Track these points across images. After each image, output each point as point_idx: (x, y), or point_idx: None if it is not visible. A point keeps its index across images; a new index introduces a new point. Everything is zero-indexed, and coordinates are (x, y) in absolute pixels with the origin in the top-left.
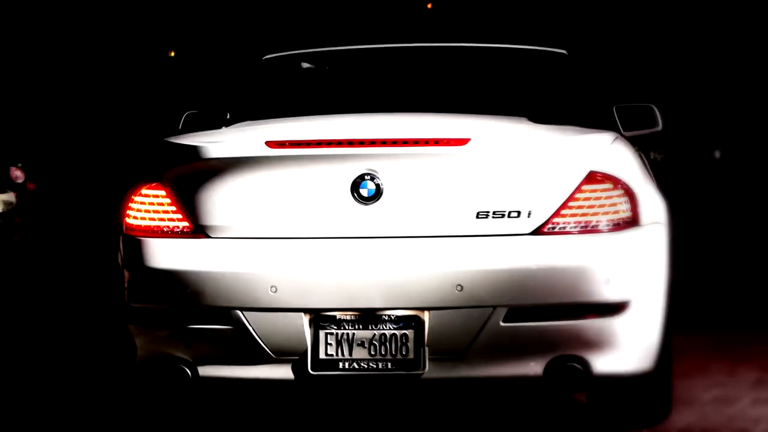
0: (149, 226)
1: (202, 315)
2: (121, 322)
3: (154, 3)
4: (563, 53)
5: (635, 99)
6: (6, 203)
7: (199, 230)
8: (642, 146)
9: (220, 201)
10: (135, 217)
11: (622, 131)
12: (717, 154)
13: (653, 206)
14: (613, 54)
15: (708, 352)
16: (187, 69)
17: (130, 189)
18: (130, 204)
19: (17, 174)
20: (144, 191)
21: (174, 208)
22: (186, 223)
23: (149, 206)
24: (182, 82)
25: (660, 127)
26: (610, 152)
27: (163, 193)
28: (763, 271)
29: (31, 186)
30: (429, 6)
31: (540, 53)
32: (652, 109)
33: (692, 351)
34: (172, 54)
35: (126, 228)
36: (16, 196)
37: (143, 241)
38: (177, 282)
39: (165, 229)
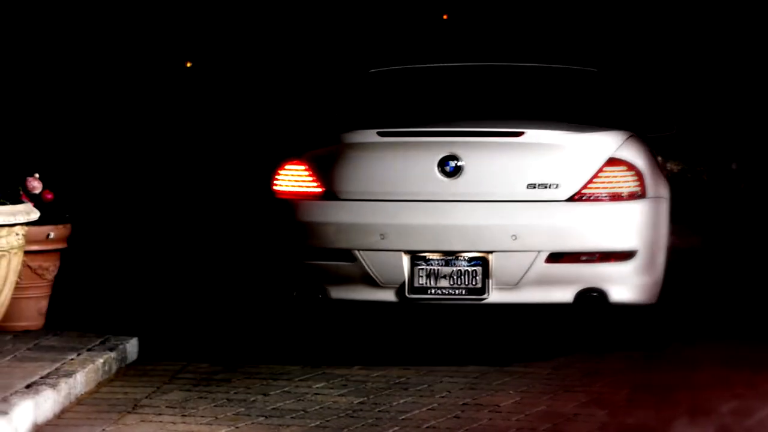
0: (293, 192)
1: (332, 254)
2: (276, 262)
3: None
4: (593, 70)
5: (656, 107)
6: (23, 213)
7: (330, 194)
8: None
9: (346, 173)
10: (282, 185)
11: (640, 132)
12: (734, 166)
13: (657, 185)
14: (637, 67)
15: (726, 364)
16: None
17: (276, 165)
18: (277, 176)
19: (34, 184)
20: (288, 166)
21: (312, 179)
22: (321, 189)
23: (293, 177)
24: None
25: (674, 130)
26: (625, 145)
27: (303, 167)
28: None
29: (49, 196)
30: (445, 17)
31: (575, 70)
32: (669, 115)
33: (710, 362)
34: (189, 65)
35: (276, 194)
36: (34, 206)
37: (290, 202)
38: (315, 231)
39: (306, 194)
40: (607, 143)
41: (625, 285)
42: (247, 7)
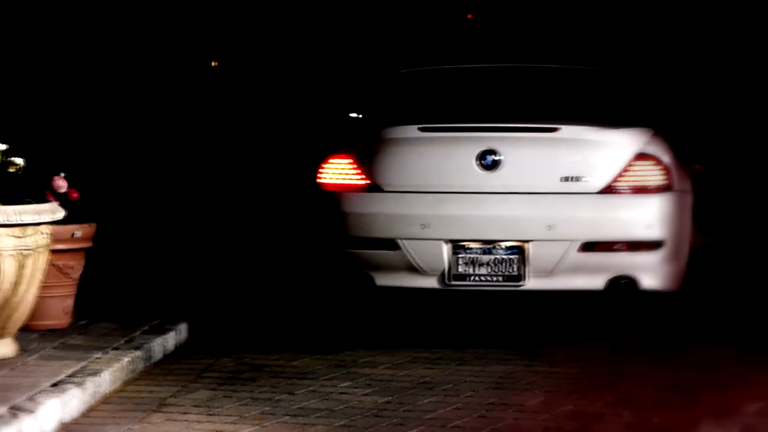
0: (338, 184)
1: (377, 243)
2: (323, 251)
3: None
4: (617, 71)
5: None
6: (49, 212)
7: (374, 186)
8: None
9: (389, 166)
10: (327, 178)
11: (662, 130)
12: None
13: (681, 179)
14: (656, 67)
15: (750, 364)
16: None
17: (321, 159)
18: (322, 169)
19: (60, 183)
20: (333, 160)
21: (356, 171)
22: (365, 182)
23: (337, 170)
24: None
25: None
26: (652, 141)
27: (348, 161)
28: None
29: (75, 195)
30: (470, 16)
31: (601, 71)
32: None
33: (733, 362)
34: (214, 64)
35: (321, 186)
36: (59, 205)
37: (335, 194)
38: (360, 221)
39: (350, 186)
40: (635, 139)
41: (653, 273)
42: (276, 8)
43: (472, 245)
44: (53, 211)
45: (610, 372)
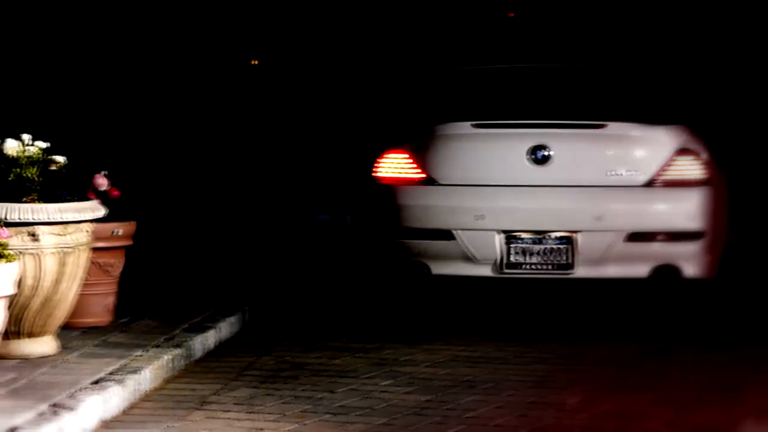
0: (394, 178)
1: (433, 233)
2: (381, 242)
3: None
4: (657, 70)
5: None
6: (90, 210)
7: (429, 180)
8: None
9: (444, 161)
10: (383, 172)
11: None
12: None
13: (718, 173)
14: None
15: None
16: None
17: (377, 154)
18: (378, 164)
19: (101, 182)
20: (389, 155)
21: (413, 166)
22: (422, 175)
23: (394, 165)
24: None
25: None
26: (691, 137)
27: (404, 156)
28: None
29: (116, 193)
30: (511, 15)
31: (641, 70)
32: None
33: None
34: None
35: (377, 180)
36: (101, 203)
37: (391, 187)
38: (417, 212)
39: (407, 180)
40: (676, 135)
41: (694, 262)
42: (324, 5)
43: (524, 235)
44: (94, 209)
45: (649, 371)
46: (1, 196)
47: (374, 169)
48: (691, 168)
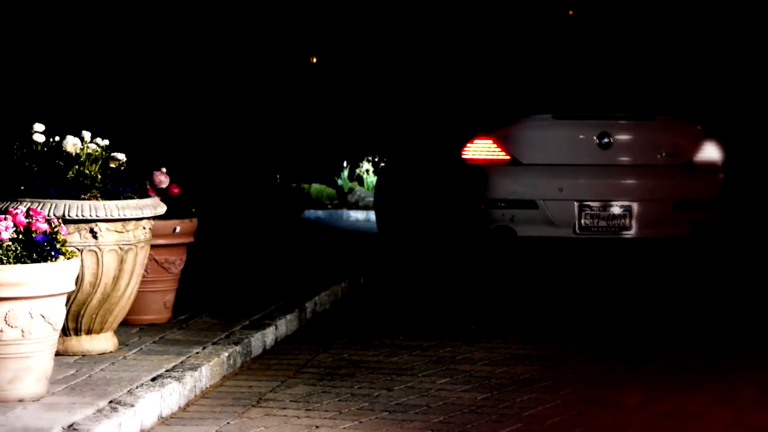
0: (482, 159)
1: (521, 203)
2: (476, 211)
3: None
4: (688, 74)
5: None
6: (150, 207)
7: (515, 161)
8: None
9: (528, 145)
10: (472, 154)
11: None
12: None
13: (729, 156)
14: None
15: None
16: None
17: (466, 140)
18: (466, 148)
19: (161, 179)
20: (477, 141)
21: (499, 149)
22: (507, 157)
23: (482, 148)
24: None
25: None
26: (712, 128)
27: (490, 141)
28: None
29: (176, 190)
30: (570, 12)
31: (677, 72)
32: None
33: None
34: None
35: (466, 161)
36: (161, 201)
37: (482, 166)
38: (508, 186)
39: (494, 161)
40: (703, 126)
41: (718, 222)
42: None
43: (594, 204)
44: (155, 206)
45: (707, 370)
46: (61, 194)
47: (462, 153)
48: (715, 151)
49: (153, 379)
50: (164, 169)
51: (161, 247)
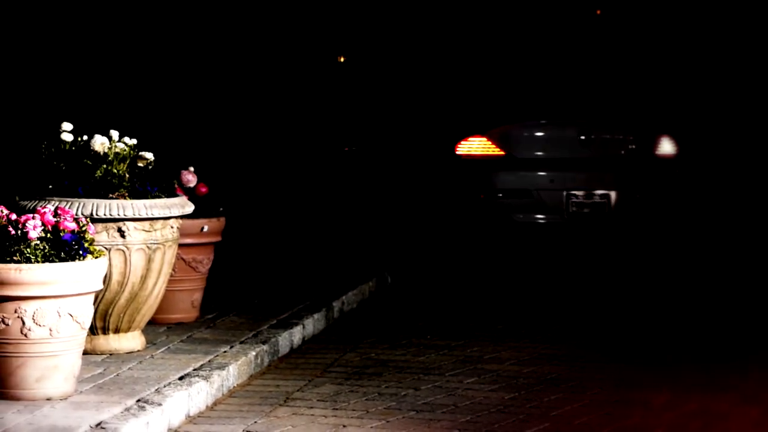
0: (477, 154)
1: (516, 193)
2: (472, 201)
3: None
4: (650, 82)
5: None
6: (178, 206)
7: (509, 156)
8: None
9: (521, 143)
10: (465, 150)
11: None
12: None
13: (683, 150)
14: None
15: None
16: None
17: (459, 138)
18: (460, 144)
19: (189, 178)
20: (470, 138)
21: (493, 146)
22: (501, 152)
23: (474, 145)
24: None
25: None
26: (667, 126)
27: (484, 138)
28: None
29: (204, 190)
30: (598, 12)
31: (644, 81)
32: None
33: None
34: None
35: (461, 156)
36: (188, 200)
37: (478, 161)
38: (505, 178)
39: (489, 156)
40: (659, 124)
41: (677, 205)
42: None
43: (579, 192)
44: (182, 205)
45: (734, 370)
46: (89, 193)
47: (456, 149)
48: (670, 145)
49: (180, 378)
50: (192, 168)
51: (189, 246)
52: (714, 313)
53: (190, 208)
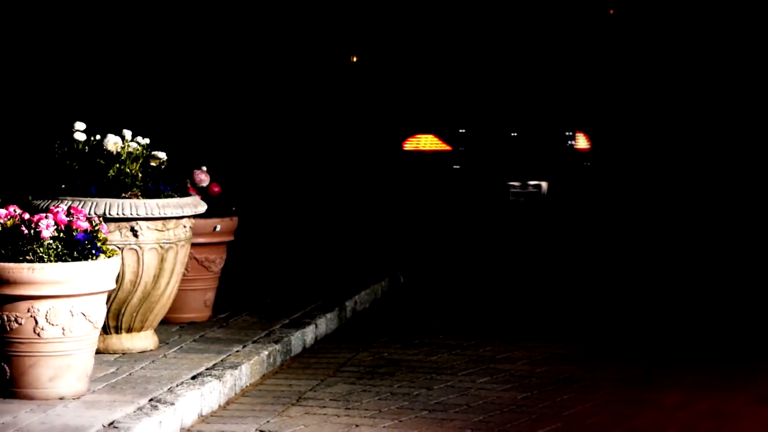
0: (425, 149)
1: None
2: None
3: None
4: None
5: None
6: (191, 205)
7: (455, 149)
8: None
9: (465, 139)
10: (410, 145)
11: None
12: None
13: (596, 144)
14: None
15: None
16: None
17: (407, 135)
18: (407, 141)
19: (201, 177)
20: (417, 135)
21: (439, 142)
22: (448, 147)
23: (422, 141)
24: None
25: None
26: (583, 125)
27: (431, 135)
28: None
29: (216, 189)
30: (611, 12)
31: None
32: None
33: None
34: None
35: (404, 150)
36: (201, 199)
37: (425, 154)
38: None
39: (435, 150)
40: (577, 122)
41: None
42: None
43: (516, 183)
44: (195, 204)
45: (746, 370)
46: (102, 192)
47: (403, 144)
48: (586, 142)
49: (193, 378)
50: (205, 168)
51: (202, 245)
52: (722, 313)
53: (202, 207)
